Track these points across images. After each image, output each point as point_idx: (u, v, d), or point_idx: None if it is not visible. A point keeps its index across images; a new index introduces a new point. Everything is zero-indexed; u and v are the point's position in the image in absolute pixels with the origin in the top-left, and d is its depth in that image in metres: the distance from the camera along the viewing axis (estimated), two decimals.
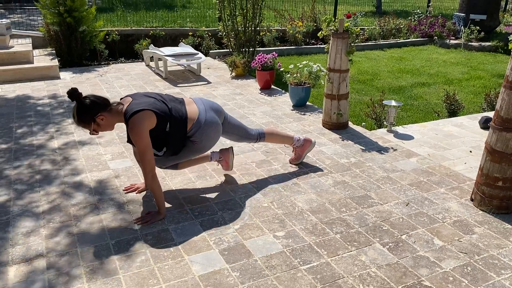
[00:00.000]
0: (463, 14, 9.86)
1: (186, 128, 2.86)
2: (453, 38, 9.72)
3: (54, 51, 7.06)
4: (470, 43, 9.21)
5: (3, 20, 6.94)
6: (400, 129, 4.45)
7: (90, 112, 2.64)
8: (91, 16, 7.01)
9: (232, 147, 3.35)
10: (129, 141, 2.87)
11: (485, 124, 4.44)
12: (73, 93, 2.61)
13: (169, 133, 2.80)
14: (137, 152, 2.71)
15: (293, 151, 3.60)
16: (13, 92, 5.57)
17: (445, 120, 4.75)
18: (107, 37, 7.53)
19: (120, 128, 4.30)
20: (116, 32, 7.72)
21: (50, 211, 2.89)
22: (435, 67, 7.49)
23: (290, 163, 3.61)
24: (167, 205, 2.95)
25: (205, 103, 3.03)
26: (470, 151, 3.91)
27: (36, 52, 7.07)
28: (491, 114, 4.85)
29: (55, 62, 6.47)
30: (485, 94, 5.29)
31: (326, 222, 2.80)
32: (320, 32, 4.29)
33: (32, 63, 6.47)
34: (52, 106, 5.01)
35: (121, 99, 2.86)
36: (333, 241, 2.60)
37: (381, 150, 3.91)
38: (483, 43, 9.13)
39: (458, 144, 4.08)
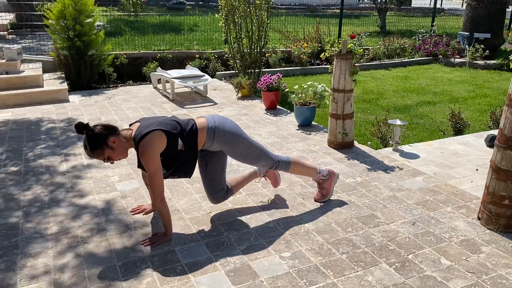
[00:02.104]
0: (467, 33, 9.93)
1: (196, 140, 2.85)
2: (458, 56, 9.77)
3: (64, 75, 7.20)
4: (475, 61, 9.25)
5: (15, 45, 7.12)
6: (406, 148, 4.45)
7: (101, 137, 2.64)
8: (99, 40, 7.17)
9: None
10: (139, 166, 2.89)
11: (491, 142, 4.44)
12: (80, 126, 2.59)
13: (183, 150, 2.81)
14: (147, 176, 2.72)
15: (318, 186, 3.39)
16: (24, 115, 5.67)
17: (451, 139, 4.75)
18: (115, 60, 7.68)
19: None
20: (124, 55, 7.86)
21: (58, 233, 2.91)
22: (440, 86, 7.52)
23: (316, 201, 3.42)
24: (173, 226, 2.96)
25: (212, 115, 3.06)
26: (477, 170, 3.90)
27: (46, 76, 7.21)
28: (497, 132, 4.84)
29: (65, 86, 6.60)
30: (491, 112, 5.30)
31: (332, 242, 2.79)
32: (323, 54, 4.35)
33: (42, 86, 6.60)
34: (61, 129, 5.09)
35: (130, 125, 2.90)
36: (339, 262, 2.59)
37: (387, 169, 3.91)
38: (488, 61, 9.17)
39: (464, 162, 4.07)
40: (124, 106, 6.07)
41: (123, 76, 7.79)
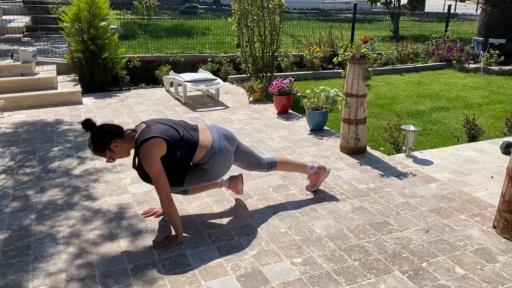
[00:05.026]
0: (481, 39, 9.83)
1: (193, 155, 2.87)
2: (472, 62, 9.65)
3: (77, 77, 7.26)
4: (489, 67, 9.13)
5: (30, 48, 7.20)
6: (419, 154, 4.40)
7: (105, 140, 2.72)
8: (113, 43, 7.22)
9: (241, 174, 3.37)
10: (134, 166, 2.90)
11: (506, 149, 4.37)
12: (87, 124, 2.69)
13: (178, 161, 2.83)
14: (152, 180, 2.73)
15: (308, 178, 3.58)
16: (37, 117, 5.73)
17: (465, 145, 4.68)
18: (128, 63, 7.72)
19: None
20: (138, 58, 7.91)
21: (70, 235, 2.93)
22: (454, 91, 7.44)
23: (306, 189, 3.59)
24: (184, 229, 2.96)
25: (219, 131, 3.05)
26: (492, 177, 3.83)
27: (60, 78, 7.28)
28: None
29: (78, 88, 6.66)
30: (506, 118, 5.22)
31: (344, 248, 2.76)
32: (336, 58, 4.33)
33: (56, 89, 6.67)
34: (74, 131, 5.13)
35: (136, 126, 2.92)
36: (352, 269, 2.56)
37: (400, 175, 3.87)
38: (503, 67, 9.04)
39: (479, 169, 4.01)
40: (136, 109, 6.10)
41: (136, 79, 7.84)
